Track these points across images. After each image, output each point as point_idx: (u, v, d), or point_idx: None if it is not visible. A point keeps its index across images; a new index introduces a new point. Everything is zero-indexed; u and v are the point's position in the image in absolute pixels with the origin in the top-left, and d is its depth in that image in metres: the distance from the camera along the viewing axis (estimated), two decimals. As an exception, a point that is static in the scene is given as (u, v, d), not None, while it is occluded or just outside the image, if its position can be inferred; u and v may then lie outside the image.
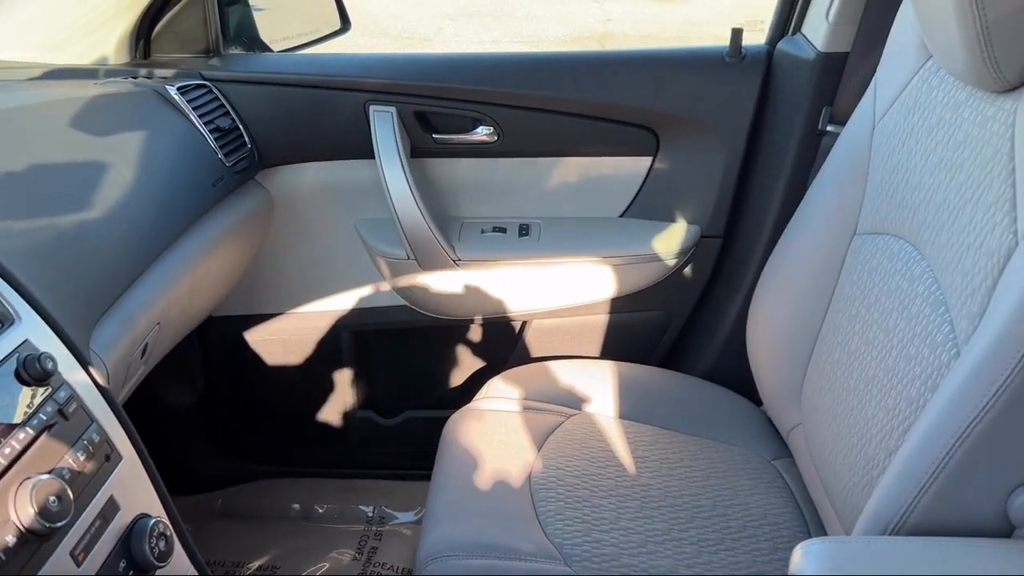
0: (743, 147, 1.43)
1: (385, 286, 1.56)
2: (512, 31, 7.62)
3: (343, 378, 1.65)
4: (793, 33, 1.41)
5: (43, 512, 0.65)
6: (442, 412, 1.36)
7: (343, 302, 1.58)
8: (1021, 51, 0.80)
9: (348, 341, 1.61)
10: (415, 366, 1.65)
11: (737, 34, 1.38)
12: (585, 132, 1.46)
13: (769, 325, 1.25)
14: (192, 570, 0.85)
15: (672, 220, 1.51)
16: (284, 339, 1.61)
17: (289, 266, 1.56)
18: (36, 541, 0.66)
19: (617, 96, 1.42)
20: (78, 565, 0.70)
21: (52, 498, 0.67)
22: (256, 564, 1.53)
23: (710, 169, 1.46)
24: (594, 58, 1.45)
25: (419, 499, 1.66)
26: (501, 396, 1.34)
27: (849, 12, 1.25)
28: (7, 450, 0.67)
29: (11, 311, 0.75)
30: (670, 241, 1.49)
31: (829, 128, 1.31)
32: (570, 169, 1.50)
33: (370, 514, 1.65)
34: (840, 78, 1.29)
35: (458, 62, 1.45)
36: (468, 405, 1.34)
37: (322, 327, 1.60)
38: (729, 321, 1.50)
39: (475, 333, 1.61)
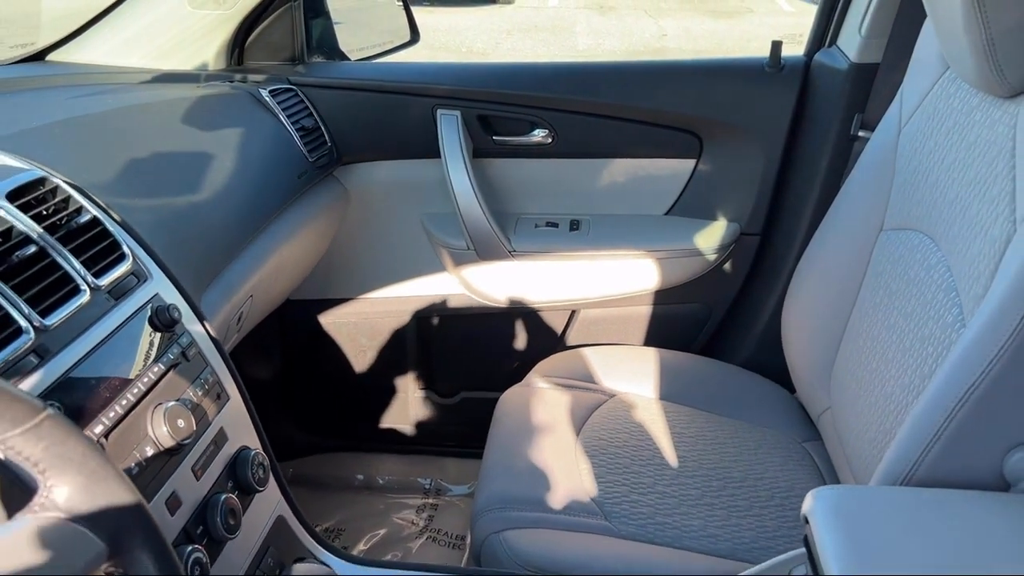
0: (781, 151, 1.53)
1: (446, 275, 1.69)
2: (568, 45, 7.75)
3: (405, 359, 1.78)
4: (829, 45, 1.50)
5: (173, 431, 0.80)
6: (496, 393, 1.47)
7: (408, 289, 1.71)
8: (1023, 60, 0.89)
9: (411, 325, 1.74)
10: (472, 350, 1.77)
11: (776, 46, 1.49)
12: (633, 135, 1.57)
13: (803, 316, 1.34)
14: (281, 497, 0.99)
15: (713, 218, 1.61)
16: (353, 322, 1.75)
17: (360, 255, 1.70)
18: (166, 455, 0.80)
19: (664, 103, 1.53)
20: (197, 479, 0.84)
21: (179, 420, 0.81)
22: (324, 526, 1.67)
23: (750, 171, 1.56)
24: (643, 67, 1.56)
25: (472, 474, 1.78)
26: (550, 376, 1.45)
27: (880, 26, 1.35)
28: (145, 379, 0.81)
29: (146, 270, 0.90)
30: (711, 238, 1.59)
31: (860, 133, 1.40)
32: (619, 169, 1.61)
33: (427, 486, 1.78)
34: (871, 87, 1.38)
35: (518, 70, 1.58)
36: (519, 383, 1.46)
37: (388, 312, 1.73)
38: (766, 314, 1.59)
39: (527, 320, 1.72)
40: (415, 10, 1.80)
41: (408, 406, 1.83)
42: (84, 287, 0.81)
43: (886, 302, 1.12)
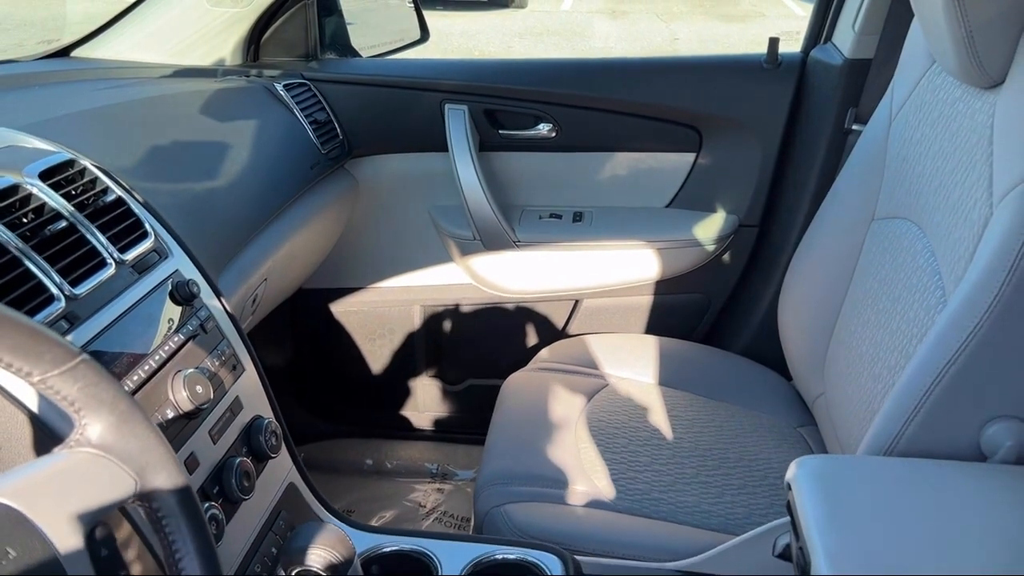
0: (778, 144, 1.57)
1: (453, 266, 1.74)
2: (579, 49, 7.80)
3: (413, 348, 1.83)
4: (824, 42, 1.55)
5: (192, 395, 0.85)
6: (501, 380, 1.52)
7: (416, 279, 1.76)
8: (1000, 52, 0.94)
9: (419, 314, 1.80)
10: (478, 338, 1.82)
11: (774, 43, 1.53)
12: (635, 129, 1.62)
13: (798, 304, 1.38)
14: (292, 465, 1.04)
15: (713, 210, 1.66)
16: (363, 311, 1.80)
17: (369, 246, 1.76)
18: (185, 418, 0.86)
19: (664, 98, 1.58)
20: (214, 443, 0.89)
21: (198, 387, 0.86)
22: (334, 507, 1.72)
23: (748, 164, 1.61)
24: (644, 63, 1.61)
25: (478, 459, 1.82)
26: (553, 361, 1.50)
27: (872, 23, 1.40)
28: (167, 347, 0.87)
29: (167, 247, 0.96)
30: (710, 229, 1.64)
31: (854, 127, 1.45)
32: (621, 163, 1.66)
33: (434, 470, 1.83)
34: (864, 82, 1.43)
35: (523, 66, 1.63)
36: (523, 368, 1.51)
37: (396, 301, 1.79)
38: (764, 303, 1.63)
39: (532, 310, 1.77)
40: (428, 13, 1.86)
41: (416, 393, 1.88)
42: (110, 261, 0.87)
43: (876, 289, 1.17)
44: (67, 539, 0.50)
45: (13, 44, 7.11)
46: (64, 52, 1.54)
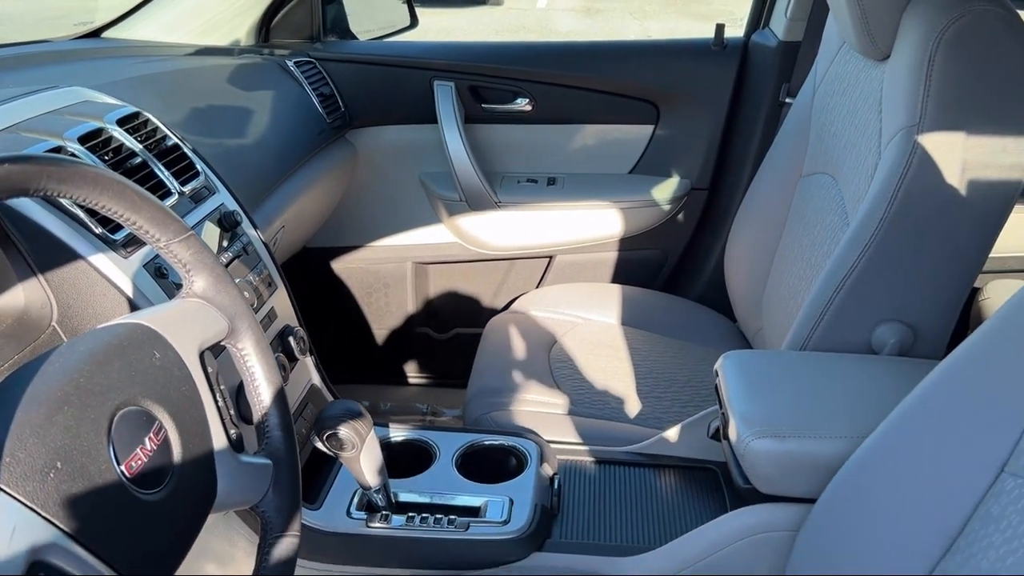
0: (724, 117, 1.81)
1: (442, 227, 1.96)
2: (555, 45, 7.98)
3: (406, 300, 2.04)
4: (763, 27, 1.79)
5: (241, 299, 1.06)
6: (484, 329, 1.73)
7: (408, 238, 1.97)
8: (887, 29, 1.16)
9: (411, 270, 2.01)
10: (463, 291, 2.04)
11: (720, 28, 1.77)
12: (601, 104, 1.85)
13: (740, 255, 1.61)
14: (315, 371, 1.26)
15: (669, 175, 1.89)
16: (361, 268, 2.01)
17: (367, 208, 1.97)
18: (236, 317, 1.06)
19: (626, 76, 1.81)
20: (257, 339, 1.10)
21: (245, 292, 1.07)
22: (335, 439, 1.93)
23: (699, 134, 1.84)
24: (609, 46, 1.84)
25: (464, 401, 2.04)
26: (530, 306, 1.72)
27: (801, 10, 1.64)
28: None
29: (214, 185, 1.17)
30: (667, 192, 1.86)
31: (787, 100, 1.69)
32: (589, 134, 1.89)
33: (424, 410, 2.04)
34: (795, 61, 1.67)
35: (504, 48, 1.86)
36: (504, 312, 1.72)
37: (391, 259, 2.00)
38: (714, 256, 1.86)
39: (512, 265, 1.99)
40: (407, 9, 2.08)
41: (408, 342, 2.09)
42: (174, 191, 1.08)
43: (800, 233, 1.40)
44: (188, 353, 0.71)
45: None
46: (95, 34, 1.74)
